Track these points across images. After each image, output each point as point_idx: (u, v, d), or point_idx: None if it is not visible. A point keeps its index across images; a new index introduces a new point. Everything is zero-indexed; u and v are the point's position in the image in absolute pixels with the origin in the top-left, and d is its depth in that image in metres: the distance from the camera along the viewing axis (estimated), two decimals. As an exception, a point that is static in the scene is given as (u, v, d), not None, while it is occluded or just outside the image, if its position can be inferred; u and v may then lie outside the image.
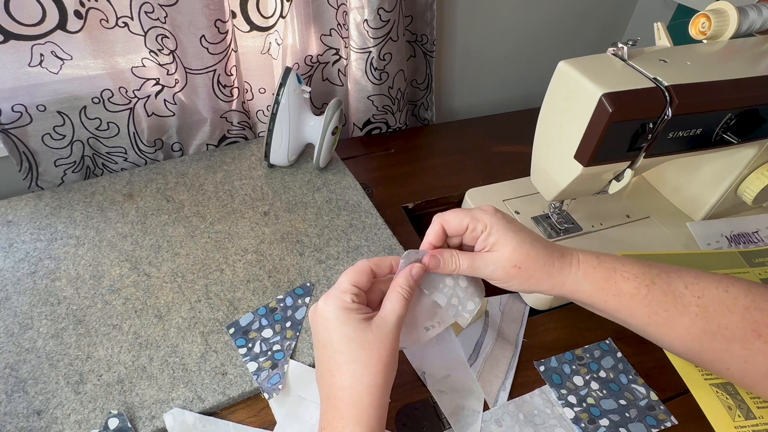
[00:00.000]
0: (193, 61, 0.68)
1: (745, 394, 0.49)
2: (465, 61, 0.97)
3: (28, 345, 0.51)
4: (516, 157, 0.83)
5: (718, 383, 0.50)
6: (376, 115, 0.86)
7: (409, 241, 0.66)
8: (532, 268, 0.40)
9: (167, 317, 0.54)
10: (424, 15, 0.81)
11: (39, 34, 0.60)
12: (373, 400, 0.37)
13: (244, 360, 0.51)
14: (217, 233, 0.64)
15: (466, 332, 0.55)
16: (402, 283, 0.40)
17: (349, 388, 0.37)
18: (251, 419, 0.48)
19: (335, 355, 0.38)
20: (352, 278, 0.39)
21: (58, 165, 0.70)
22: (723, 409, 0.48)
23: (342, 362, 0.37)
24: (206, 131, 0.76)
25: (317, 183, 0.72)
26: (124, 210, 0.66)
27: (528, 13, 0.95)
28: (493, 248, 0.40)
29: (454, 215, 0.41)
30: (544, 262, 0.40)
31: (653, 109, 0.46)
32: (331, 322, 0.38)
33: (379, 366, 0.37)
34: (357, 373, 0.37)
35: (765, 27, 0.54)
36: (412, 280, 0.40)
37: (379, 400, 0.38)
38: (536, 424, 0.48)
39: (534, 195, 0.68)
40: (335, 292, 0.39)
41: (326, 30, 0.78)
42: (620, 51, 0.49)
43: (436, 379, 0.51)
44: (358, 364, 0.37)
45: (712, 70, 0.49)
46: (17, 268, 0.58)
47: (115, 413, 0.46)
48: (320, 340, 0.39)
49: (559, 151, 0.52)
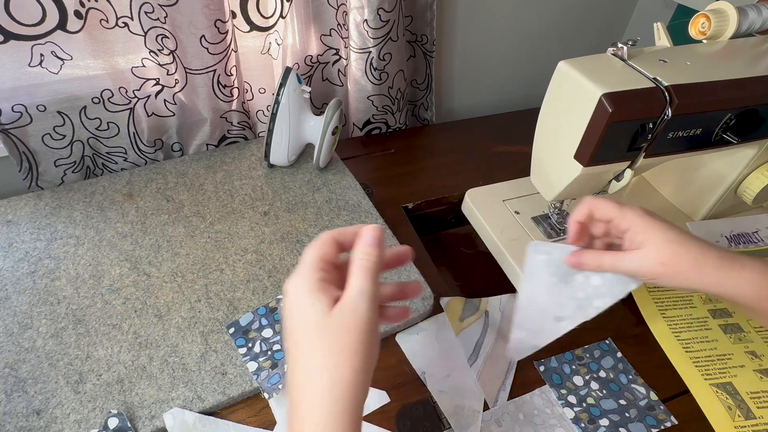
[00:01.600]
0: (193, 61, 0.68)
1: (745, 394, 0.49)
2: (465, 61, 0.97)
3: (27, 344, 0.51)
4: (516, 157, 0.83)
5: (718, 383, 0.50)
6: (376, 115, 0.86)
7: (410, 241, 0.66)
8: (681, 266, 0.39)
9: (167, 317, 0.54)
10: (424, 15, 0.81)
11: (39, 34, 0.60)
12: (339, 400, 0.30)
13: (244, 360, 0.51)
14: (217, 233, 0.64)
15: (466, 332, 0.55)
16: (360, 253, 0.34)
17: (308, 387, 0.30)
18: (251, 419, 0.48)
19: (295, 347, 0.31)
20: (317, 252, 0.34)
21: (58, 165, 0.70)
22: (723, 409, 0.48)
23: (300, 355, 0.31)
24: (206, 131, 0.76)
25: (317, 183, 0.72)
26: (124, 210, 0.66)
27: (528, 13, 0.95)
28: (639, 246, 0.40)
29: (605, 204, 0.41)
30: (695, 260, 0.39)
31: (653, 109, 0.46)
32: (294, 304, 0.32)
33: (345, 356, 0.30)
34: (317, 366, 0.30)
35: (765, 27, 0.54)
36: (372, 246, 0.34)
37: (348, 400, 0.30)
38: (536, 424, 0.48)
39: (534, 195, 0.68)
40: (304, 268, 0.33)
41: (326, 30, 0.78)
42: (620, 51, 0.49)
43: (436, 379, 0.51)
44: (317, 355, 0.30)
45: (712, 70, 0.49)
46: (17, 267, 0.58)
47: (115, 413, 0.46)
48: (285, 328, 0.33)
49: (559, 151, 0.52)
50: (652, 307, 0.56)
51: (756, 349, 0.53)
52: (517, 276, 0.59)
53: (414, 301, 0.57)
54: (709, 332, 0.54)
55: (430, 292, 0.58)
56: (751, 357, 0.52)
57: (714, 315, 0.56)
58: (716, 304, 0.57)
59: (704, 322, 0.55)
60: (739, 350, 0.53)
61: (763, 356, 0.52)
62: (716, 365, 0.51)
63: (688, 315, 0.55)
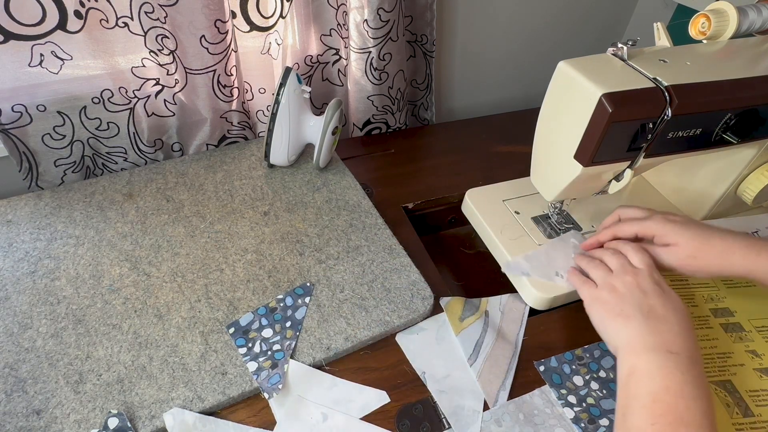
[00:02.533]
0: (193, 61, 0.68)
1: (744, 392, 0.49)
2: (465, 61, 0.97)
3: (27, 344, 0.51)
4: (516, 157, 0.83)
5: (717, 381, 0.50)
6: (376, 115, 0.86)
7: (409, 241, 0.66)
8: (707, 258, 0.47)
9: (167, 317, 0.54)
10: (424, 15, 0.81)
11: (39, 34, 0.60)
12: None
13: (244, 360, 0.51)
14: (217, 233, 0.64)
15: (466, 332, 0.55)
16: None
17: None
18: (251, 419, 0.48)
19: None
20: None
21: (58, 165, 0.70)
22: (721, 407, 0.48)
23: None
24: (206, 131, 0.76)
25: (317, 183, 0.72)
26: (124, 210, 0.66)
27: (528, 13, 0.95)
28: (668, 244, 0.48)
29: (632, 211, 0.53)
30: (720, 253, 0.47)
31: (653, 109, 0.46)
32: None
33: None
34: None
35: (765, 27, 0.54)
36: None
37: None
38: (536, 424, 0.48)
39: (534, 195, 0.68)
40: None
41: (326, 30, 0.78)
42: (620, 51, 0.49)
43: (436, 379, 0.51)
44: None
45: (712, 70, 0.49)
46: (17, 267, 0.58)
47: (115, 413, 0.46)
48: None
49: (559, 151, 0.52)
50: None
51: (757, 348, 0.53)
52: (516, 275, 0.59)
53: (414, 300, 0.57)
54: (710, 331, 0.54)
55: (430, 292, 0.58)
56: (751, 356, 0.52)
57: (715, 314, 0.56)
58: (717, 303, 0.57)
59: (705, 320, 0.55)
60: (740, 349, 0.53)
61: (763, 355, 0.52)
62: (716, 363, 0.51)
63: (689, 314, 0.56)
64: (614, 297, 0.47)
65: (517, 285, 0.60)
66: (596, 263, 0.51)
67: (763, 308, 0.57)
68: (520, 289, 0.59)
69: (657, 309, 0.45)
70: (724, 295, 0.58)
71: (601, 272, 0.50)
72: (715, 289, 0.58)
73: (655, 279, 0.47)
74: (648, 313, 0.44)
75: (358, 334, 0.53)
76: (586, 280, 0.51)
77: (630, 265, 0.49)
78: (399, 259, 0.61)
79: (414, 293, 0.57)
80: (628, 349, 0.43)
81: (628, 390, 0.41)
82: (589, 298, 0.49)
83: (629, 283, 0.47)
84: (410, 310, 0.56)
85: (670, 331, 0.43)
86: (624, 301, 0.46)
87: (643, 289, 0.46)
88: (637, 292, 0.46)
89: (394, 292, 0.58)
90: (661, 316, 0.44)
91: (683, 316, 0.45)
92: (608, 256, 0.51)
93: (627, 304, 0.45)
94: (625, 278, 0.47)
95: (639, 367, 0.42)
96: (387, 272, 0.60)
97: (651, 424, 0.38)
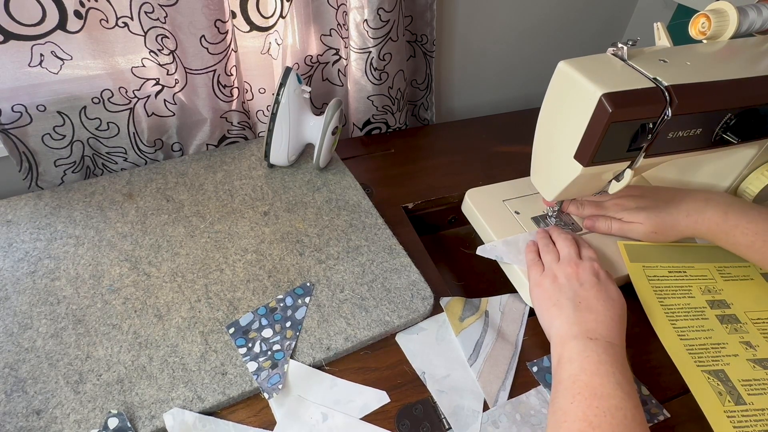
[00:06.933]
0: (193, 61, 0.68)
1: (737, 381, 0.49)
2: (465, 61, 0.97)
3: (27, 344, 0.51)
4: (516, 157, 0.83)
5: (710, 370, 0.50)
6: (376, 115, 0.86)
7: (409, 241, 0.66)
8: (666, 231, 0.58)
9: (167, 317, 0.54)
10: (424, 15, 0.81)
11: (39, 34, 0.60)
12: None
13: (244, 360, 0.51)
14: (217, 233, 0.64)
15: (466, 332, 0.55)
16: None
17: None
18: (251, 419, 0.48)
19: None
20: None
21: (58, 165, 0.70)
22: (713, 395, 0.48)
23: None
24: (206, 131, 0.76)
25: (317, 183, 0.72)
26: (124, 210, 0.66)
27: (528, 12, 0.95)
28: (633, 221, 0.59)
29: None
30: (672, 225, 0.57)
31: (653, 109, 0.46)
32: None
33: None
34: None
35: (765, 27, 0.54)
36: None
37: None
38: (533, 424, 0.48)
39: (534, 195, 0.68)
40: None
41: (326, 30, 0.78)
42: (620, 51, 0.49)
43: (436, 379, 0.51)
44: None
45: (712, 70, 0.49)
46: (17, 267, 0.58)
47: (115, 413, 0.46)
48: None
49: (559, 151, 0.52)
50: (651, 296, 0.56)
51: (751, 339, 0.53)
52: (516, 275, 0.59)
53: (414, 301, 0.57)
54: (705, 322, 0.54)
55: (430, 292, 0.58)
56: (745, 347, 0.52)
57: (712, 306, 0.56)
58: (714, 295, 0.57)
59: (701, 311, 0.55)
60: (734, 340, 0.53)
61: (758, 347, 0.52)
62: (710, 353, 0.51)
63: (686, 305, 0.56)
64: (553, 287, 0.51)
65: (517, 285, 0.60)
66: (550, 248, 0.57)
67: (759, 301, 0.57)
68: (520, 289, 0.59)
69: (589, 300, 0.49)
70: (721, 287, 0.58)
71: (550, 258, 0.55)
72: (713, 281, 0.59)
73: (595, 271, 0.52)
74: (579, 304, 0.49)
75: (358, 334, 0.53)
76: (537, 261, 0.56)
77: (578, 256, 0.54)
78: (399, 259, 0.61)
79: (414, 293, 0.57)
80: (557, 340, 0.47)
81: (556, 376, 0.45)
82: (533, 282, 0.54)
83: (569, 274, 0.52)
84: (410, 310, 0.56)
85: (594, 320, 0.47)
86: (560, 292, 0.50)
87: (580, 281, 0.51)
88: (575, 284, 0.51)
89: (394, 292, 0.58)
90: (592, 307, 0.48)
91: (614, 306, 0.49)
92: (562, 243, 0.56)
93: (562, 295, 0.50)
94: (567, 269, 0.52)
95: (563, 355, 0.46)
96: (387, 272, 0.60)
97: (570, 402, 0.42)
